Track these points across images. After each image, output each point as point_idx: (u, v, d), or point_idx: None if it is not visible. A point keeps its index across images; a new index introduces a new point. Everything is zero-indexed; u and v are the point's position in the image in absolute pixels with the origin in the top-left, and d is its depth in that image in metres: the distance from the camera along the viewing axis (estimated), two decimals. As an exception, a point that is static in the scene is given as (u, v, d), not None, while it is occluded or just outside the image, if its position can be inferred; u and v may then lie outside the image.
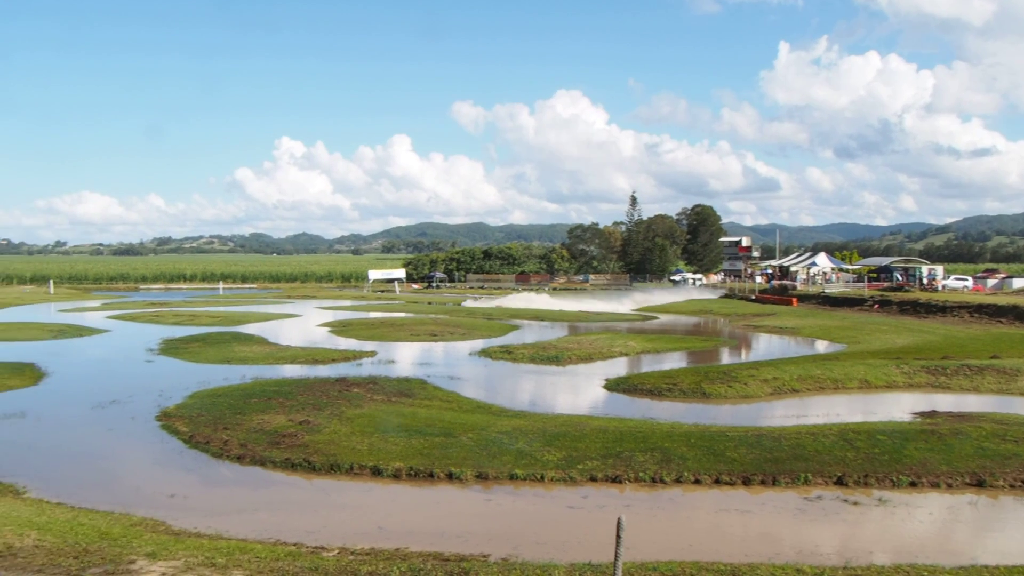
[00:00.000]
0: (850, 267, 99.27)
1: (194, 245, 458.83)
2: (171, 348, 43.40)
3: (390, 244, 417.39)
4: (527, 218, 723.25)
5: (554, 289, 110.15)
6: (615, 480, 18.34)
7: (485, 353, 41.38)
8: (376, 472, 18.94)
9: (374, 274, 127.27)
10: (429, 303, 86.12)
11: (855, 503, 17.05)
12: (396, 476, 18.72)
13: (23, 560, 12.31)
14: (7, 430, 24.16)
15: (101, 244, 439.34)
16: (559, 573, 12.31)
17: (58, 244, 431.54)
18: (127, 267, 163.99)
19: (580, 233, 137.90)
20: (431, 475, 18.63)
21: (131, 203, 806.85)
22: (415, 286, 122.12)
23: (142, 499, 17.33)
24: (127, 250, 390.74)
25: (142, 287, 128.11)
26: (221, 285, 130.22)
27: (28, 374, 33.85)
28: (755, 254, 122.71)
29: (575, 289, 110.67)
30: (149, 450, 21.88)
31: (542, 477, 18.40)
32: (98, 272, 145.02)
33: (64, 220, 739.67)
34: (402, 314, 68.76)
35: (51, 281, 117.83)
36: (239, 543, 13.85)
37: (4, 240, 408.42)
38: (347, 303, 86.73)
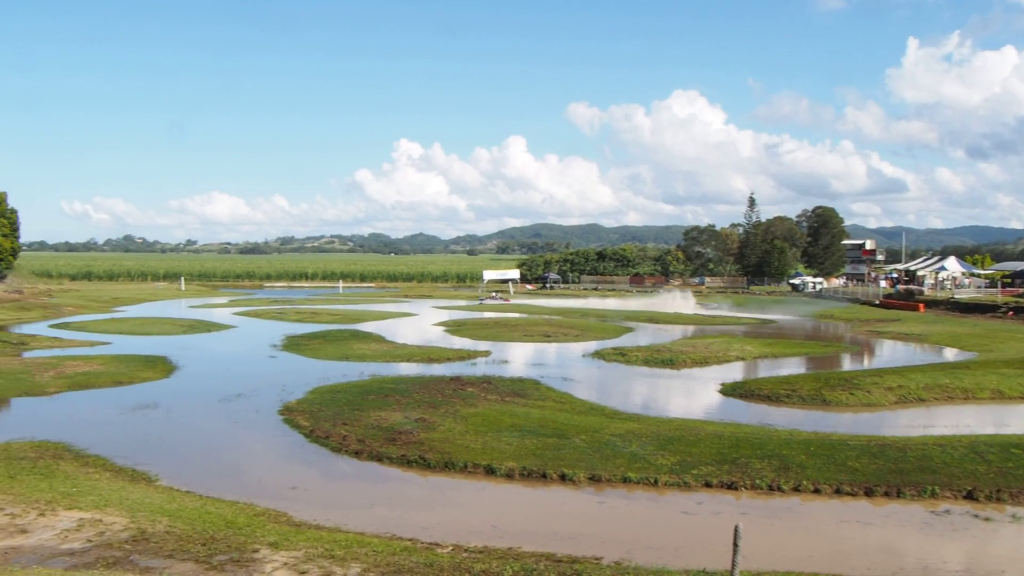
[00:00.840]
0: (982, 272, 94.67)
1: (315, 244, 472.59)
2: (293, 344, 44.83)
3: (504, 245, 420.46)
4: (642, 220, 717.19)
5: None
6: (730, 487, 17.99)
7: (598, 355, 41.24)
8: (489, 471, 19.10)
9: (489, 275, 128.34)
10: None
11: (986, 519, 16.25)
12: (509, 476, 18.84)
13: (155, 545, 12.91)
14: (141, 420, 25.41)
15: (228, 243, 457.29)
16: (673, 579, 12.16)
17: (189, 243, 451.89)
18: (252, 265, 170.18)
19: (696, 235, 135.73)
20: (544, 476, 18.68)
21: (257, 203, 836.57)
22: (529, 287, 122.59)
23: (265, 490, 17.95)
24: (252, 249, 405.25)
25: (266, 285, 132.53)
26: (341, 284, 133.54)
27: (160, 367, 35.50)
28: (879, 257, 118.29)
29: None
30: (272, 443, 22.65)
31: (655, 481, 18.23)
32: (225, 270, 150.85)
33: (195, 220, 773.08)
34: (516, 315, 69.15)
35: (182, 278, 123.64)
36: (357, 536, 14.18)
37: (140, 238, 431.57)
38: (462, 303, 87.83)
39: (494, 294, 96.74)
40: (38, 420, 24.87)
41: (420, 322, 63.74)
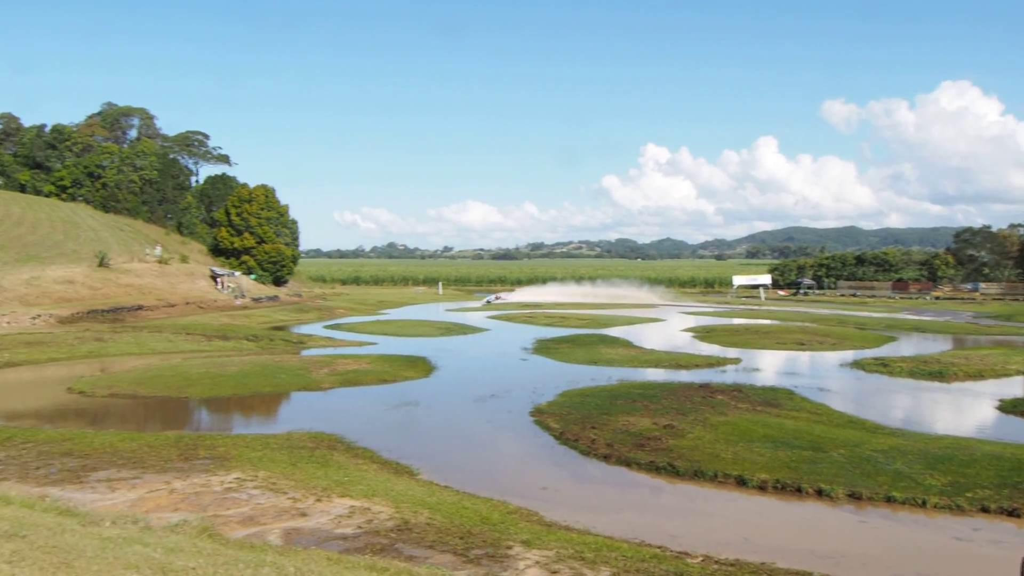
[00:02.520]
0: None
1: (564, 250, 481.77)
2: (543, 348, 45.91)
3: (754, 249, 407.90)
4: (905, 221, 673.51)
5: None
6: (1012, 513, 16.41)
7: (857, 365, 39.15)
8: (740, 482, 18.63)
9: (738, 280, 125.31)
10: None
11: None
12: (761, 488, 18.28)
13: (417, 535, 13.66)
14: (405, 416, 27.01)
15: (482, 249, 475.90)
16: (944, 609, 11.31)
17: (445, 249, 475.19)
18: (504, 271, 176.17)
19: (968, 237, 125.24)
20: (799, 490, 17.97)
21: (508, 211, 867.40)
22: (781, 292, 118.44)
23: (517, 489, 18.48)
24: (504, 255, 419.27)
25: (517, 290, 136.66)
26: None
27: (421, 367, 37.52)
28: None
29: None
30: (523, 443, 23.31)
31: (923, 503, 16.99)
32: (479, 275, 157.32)
33: (451, 227, 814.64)
34: (767, 321, 67.03)
35: (440, 283, 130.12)
36: (606, 540, 14.29)
37: (402, 245, 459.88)
38: (710, 308, 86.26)
39: (500, 295, 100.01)
40: (314, 413, 27.06)
41: (667, 328, 63.26)
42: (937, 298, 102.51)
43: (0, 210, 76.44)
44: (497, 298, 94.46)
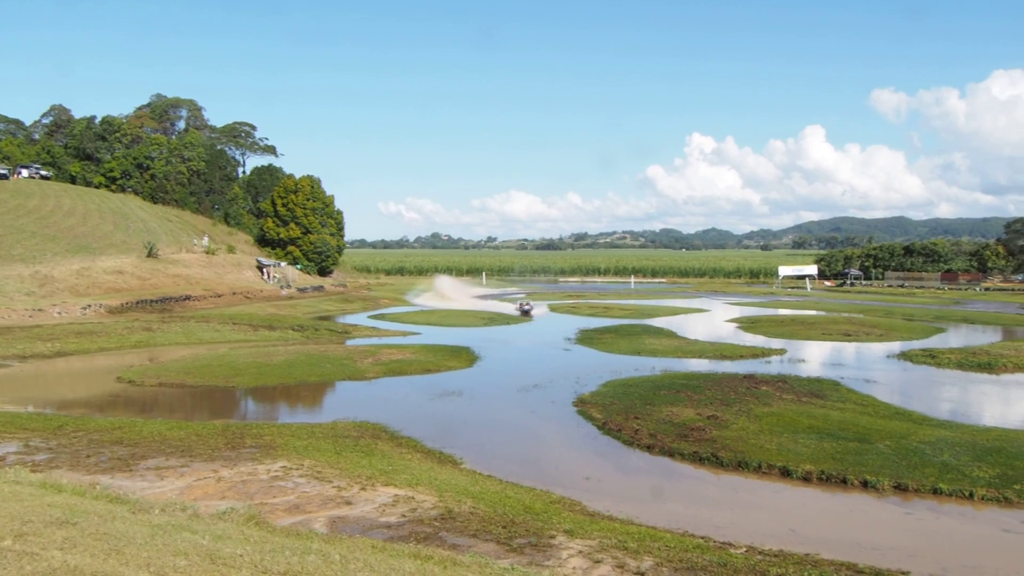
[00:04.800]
0: None
1: (608, 240, 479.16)
2: (586, 338, 45.88)
3: (801, 239, 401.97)
4: (955, 211, 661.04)
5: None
6: (1062, 507, 16.12)
7: (904, 356, 38.61)
8: (785, 473, 18.50)
9: (784, 270, 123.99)
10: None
11: None
12: (806, 479, 18.14)
13: (461, 524, 13.76)
14: (449, 406, 27.16)
15: (525, 239, 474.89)
16: (992, 603, 11.16)
17: (489, 239, 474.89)
18: (548, 261, 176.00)
19: (1020, 227, 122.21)
20: (844, 481, 17.81)
21: (552, 201, 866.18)
22: (828, 283, 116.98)
23: (561, 479, 18.53)
24: (548, 245, 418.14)
25: (560, 280, 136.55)
26: (633, 279, 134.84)
27: (464, 357, 37.69)
28: None
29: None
30: (566, 433, 23.34)
31: (971, 495, 16.74)
32: (523, 265, 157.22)
33: (495, 217, 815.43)
34: (813, 312, 66.27)
35: (484, 273, 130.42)
36: (649, 530, 14.28)
37: (446, 236, 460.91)
38: (755, 299, 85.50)
39: (531, 303, 69.36)
40: (359, 402, 27.34)
41: (711, 318, 62.85)
42: (987, 289, 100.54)
43: (51, 201, 78.02)
44: (527, 307, 65.57)
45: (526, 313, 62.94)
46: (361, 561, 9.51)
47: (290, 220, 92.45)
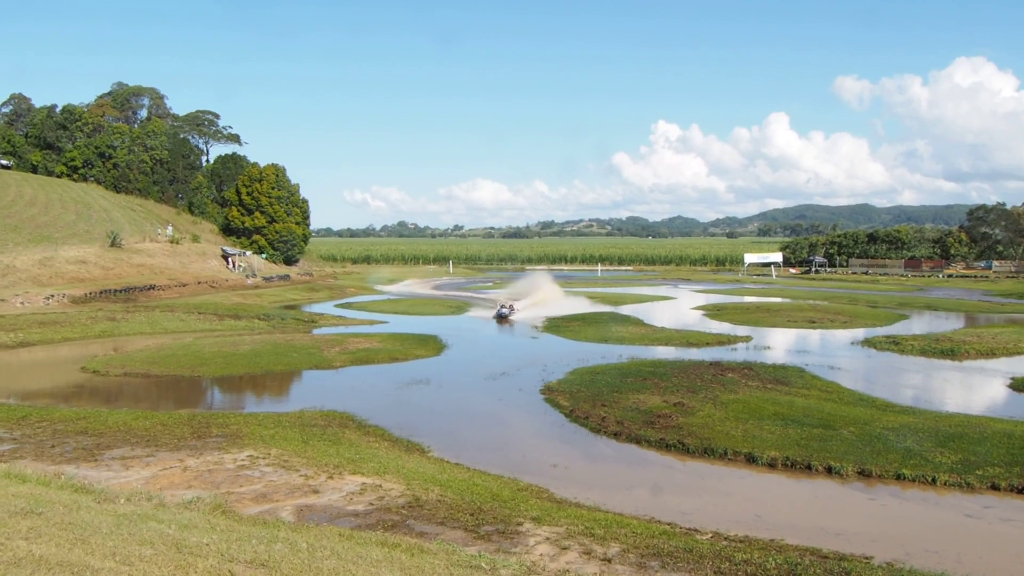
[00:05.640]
0: None
1: (575, 228, 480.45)
2: (553, 326, 46.00)
3: (766, 227, 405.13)
4: (918, 199, 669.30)
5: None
6: (1022, 491, 16.38)
7: (868, 343, 39.10)
8: (750, 459, 18.66)
9: (750, 258, 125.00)
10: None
11: None
12: (771, 465, 18.32)
13: (428, 512, 13.75)
14: (416, 394, 27.13)
15: (492, 228, 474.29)
16: (953, 585, 11.34)
17: (456, 228, 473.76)
18: (515, 249, 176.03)
19: (982, 215, 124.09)
20: (808, 467, 18.00)
21: (518, 189, 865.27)
22: (793, 271, 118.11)
23: (528, 466, 18.57)
24: (515, 233, 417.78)
25: (527, 268, 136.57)
26: (600, 267, 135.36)
27: (432, 345, 37.64)
28: None
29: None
30: (534, 421, 23.39)
31: (933, 480, 16.98)
32: (489, 253, 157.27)
33: (461, 206, 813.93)
34: (778, 299, 66.90)
35: (451, 261, 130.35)
36: (616, 516, 14.35)
37: (412, 224, 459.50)
38: (721, 286, 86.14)
39: (512, 304, 56.91)
40: (326, 391, 27.19)
41: (678, 306, 63.26)
42: (950, 276, 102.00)
43: (12, 191, 76.72)
44: (509, 309, 53.38)
45: (503, 318, 50.94)
46: (328, 549, 9.47)
47: (255, 209, 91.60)
